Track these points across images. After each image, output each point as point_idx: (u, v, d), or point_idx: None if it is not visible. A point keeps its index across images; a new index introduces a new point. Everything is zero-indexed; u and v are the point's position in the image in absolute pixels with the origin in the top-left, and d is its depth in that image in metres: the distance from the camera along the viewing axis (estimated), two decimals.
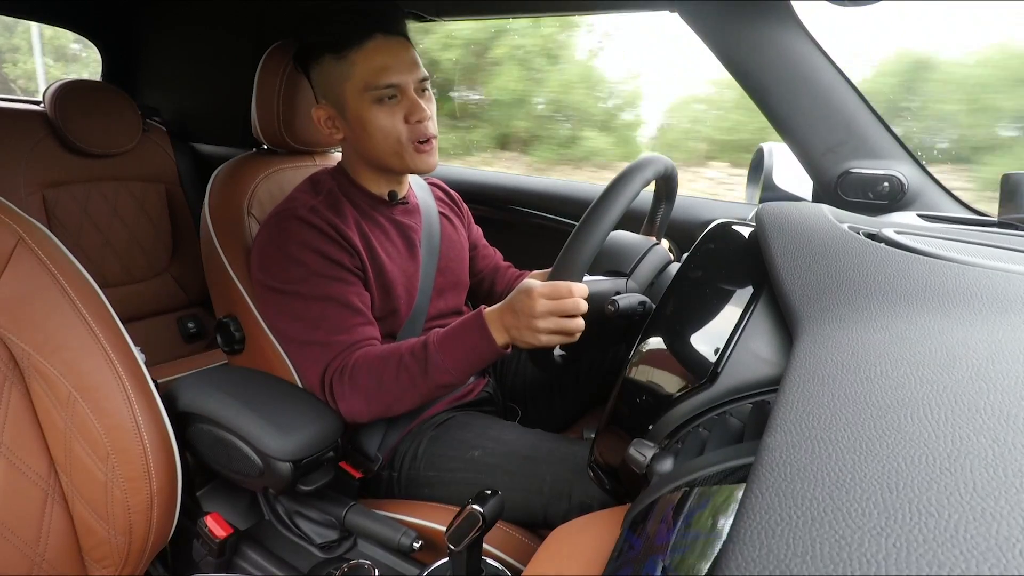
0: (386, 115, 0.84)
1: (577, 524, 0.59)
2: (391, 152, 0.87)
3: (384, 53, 0.83)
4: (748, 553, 0.24)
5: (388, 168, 0.90)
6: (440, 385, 0.80)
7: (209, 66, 1.72)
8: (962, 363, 0.32)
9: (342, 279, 0.85)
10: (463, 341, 0.79)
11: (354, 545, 0.85)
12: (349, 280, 0.86)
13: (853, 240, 0.50)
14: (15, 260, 0.59)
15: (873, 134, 0.94)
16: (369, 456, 0.91)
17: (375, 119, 0.84)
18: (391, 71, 0.83)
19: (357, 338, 0.85)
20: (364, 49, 0.83)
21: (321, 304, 0.84)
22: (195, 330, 1.72)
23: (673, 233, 1.18)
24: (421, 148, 0.87)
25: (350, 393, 0.82)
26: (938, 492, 0.24)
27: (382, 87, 0.83)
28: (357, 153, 0.92)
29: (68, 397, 0.60)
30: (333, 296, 0.84)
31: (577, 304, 0.72)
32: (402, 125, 0.85)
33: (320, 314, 0.84)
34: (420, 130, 0.86)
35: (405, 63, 0.84)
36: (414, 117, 0.85)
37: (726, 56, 0.96)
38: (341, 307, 0.84)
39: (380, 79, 0.82)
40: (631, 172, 0.77)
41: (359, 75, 0.83)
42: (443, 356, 0.79)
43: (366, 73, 0.83)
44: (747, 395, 0.48)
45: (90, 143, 1.50)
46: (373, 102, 0.84)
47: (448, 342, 0.79)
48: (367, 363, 0.82)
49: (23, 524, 0.60)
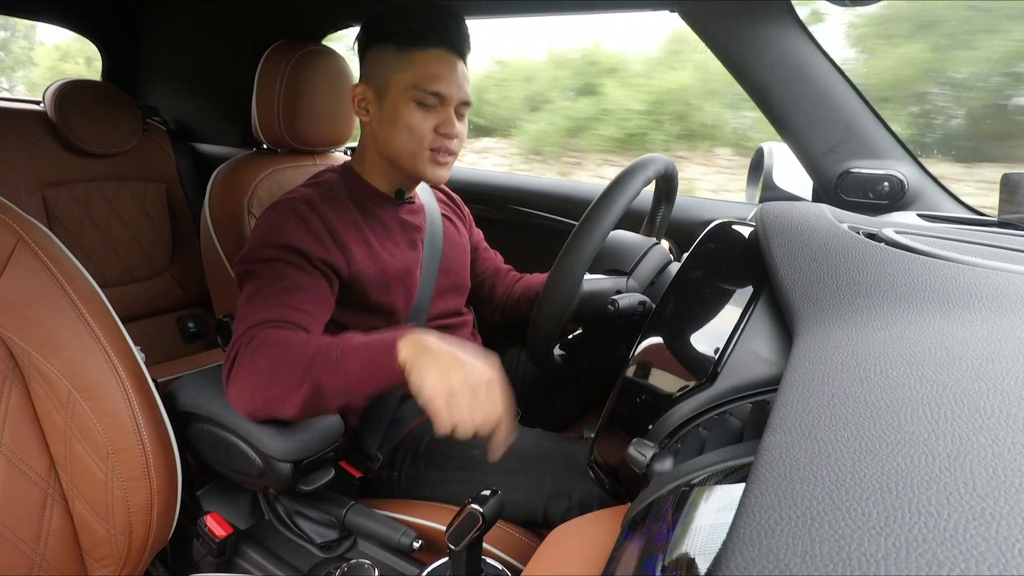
0: (421, 117, 0.86)
1: (577, 524, 0.59)
2: (409, 152, 0.87)
3: (443, 64, 0.85)
4: (748, 553, 0.24)
5: (400, 166, 0.90)
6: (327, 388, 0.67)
7: (209, 66, 1.72)
8: (962, 363, 0.32)
9: (303, 268, 0.81)
10: (371, 343, 0.68)
11: (354, 545, 0.85)
12: (311, 272, 0.82)
13: (853, 240, 0.50)
14: (15, 260, 0.59)
15: (873, 134, 0.94)
16: (369, 456, 0.91)
17: (409, 116, 0.85)
18: (442, 81, 0.85)
19: (279, 316, 0.75)
20: (427, 54, 0.84)
21: (268, 281, 0.78)
22: (195, 330, 1.72)
23: (673, 233, 1.18)
24: (438, 159, 0.88)
25: (244, 372, 0.71)
26: (938, 492, 0.24)
27: (429, 91, 0.84)
28: (375, 143, 0.91)
29: (68, 397, 0.60)
30: (283, 275, 0.79)
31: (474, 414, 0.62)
32: (430, 132, 0.86)
33: (259, 290, 0.78)
34: (444, 143, 0.87)
35: (456, 80, 0.86)
36: (444, 129, 0.86)
37: (726, 56, 0.96)
38: (282, 288, 0.78)
39: (430, 84, 0.84)
40: (631, 172, 0.77)
41: (412, 73, 0.84)
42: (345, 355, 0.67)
43: (420, 74, 0.84)
44: (747, 395, 0.48)
45: (90, 143, 1.50)
46: (414, 101, 0.85)
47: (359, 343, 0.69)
48: (275, 341, 0.71)
49: (23, 523, 0.60)
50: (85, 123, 1.48)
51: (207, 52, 1.71)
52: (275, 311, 0.76)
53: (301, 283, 0.80)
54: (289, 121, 1.02)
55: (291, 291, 0.78)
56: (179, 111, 1.81)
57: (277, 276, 0.79)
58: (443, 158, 0.88)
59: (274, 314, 0.76)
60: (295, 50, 1.02)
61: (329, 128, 1.09)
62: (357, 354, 0.68)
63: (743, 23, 0.92)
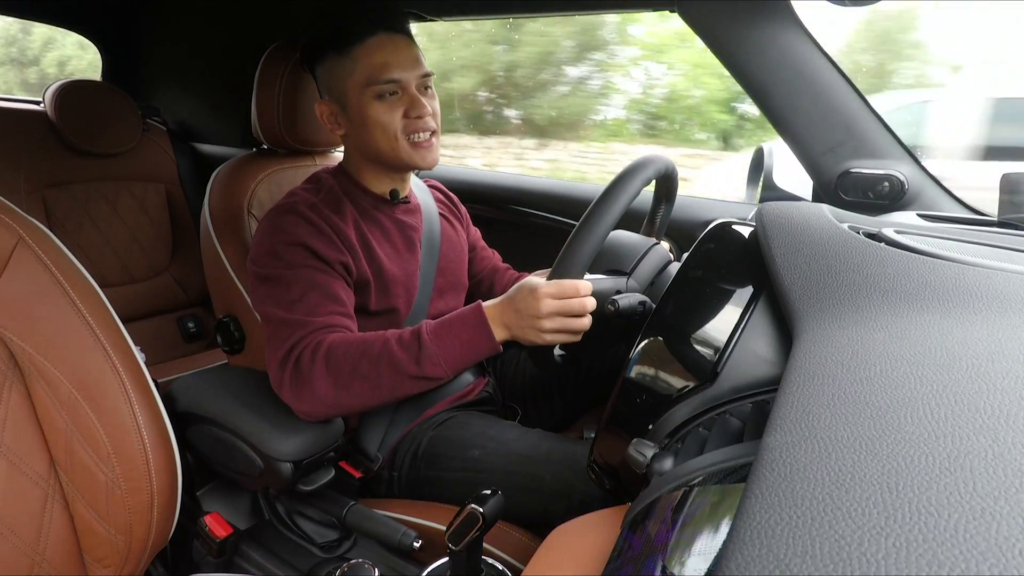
0: (386, 110, 0.85)
1: (577, 524, 0.59)
2: (388, 147, 0.87)
3: (386, 50, 0.84)
4: (748, 553, 0.24)
5: (387, 163, 0.91)
6: (428, 378, 0.77)
7: (209, 66, 1.72)
8: (962, 363, 0.32)
9: (328, 272, 0.84)
10: (459, 334, 0.77)
11: (354, 545, 0.85)
12: (335, 275, 0.85)
13: (853, 240, 0.50)
14: (15, 260, 0.59)
15: (873, 134, 0.94)
16: (369, 456, 0.91)
17: (375, 114, 0.85)
18: (392, 67, 0.84)
19: (333, 322, 0.81)
20: (366, 45, 0.84)
21: (302, 288, 0.81)
22: (195, 330, 1.72)
23: (673, 233, 1.18)
24: (420, 143, 0.88)
25: (319, 375, 0.76)
26: (938, 492, 0.24)
27: (383, 82, 0.84)
28: (359, 150, 0.92)
29: (68, 397, 0.60)
30: (316, 283, 0.82)
31: (584, 304, 0.72)
32: (401, 120, 0.86)
33: (299, 296, 0.81)
34: (419, 125, 0.87)
35: (407, 60, 0.85)
36: (414, 112, 0.86)
37: (726, 56, 0.96)
38: (322, 294, 0.82)
39: (381, 74, 0.84)
40: (631, 172, 0.77)
41: (361, 71, 0.84)
42: (438, 346, 0.76)
43: (368, 69, 0.84)
44: (747, 395, 0.48)
45: (90, 143, 1.50)
46: (374, 97, 0.85)
47: (444, 333, 0.77)
48: (345, 344, 0.77)
49: (23, 524, 0.60)
50: (85, 123, 1.48)
51: (207, 52, 1.71)
52: (328, 318, 0.80)
53: (334, 287, 0.83)
54: (289, 121, 1.02)
55: (331, 296, 0.82)
56: (179, 111, 1.81)
57: (309, 282, 0.82)
58: (422, 140, 0.88)
59: (328, 320, 0.80)
60: (295, 50, 1.02)
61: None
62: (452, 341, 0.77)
63: (743, 23, 0.92)
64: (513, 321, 0.75)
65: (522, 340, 0.76)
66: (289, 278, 0.82)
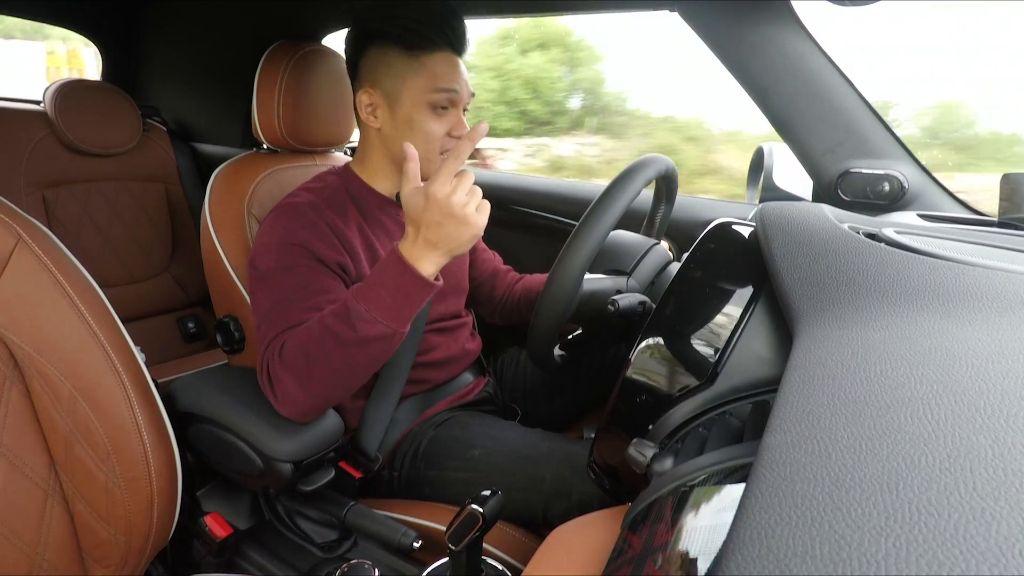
0: (435, 122, 0.86)
1: (577, 524, 0.59)
2: (424, 157, 0.86)
3: (451, 65, 0.86)
4: (748, 553, 0.24)
5: None
6: (370, 339, 0.71)
7: (209, 66, 1.72)
8: (962, 363, 0.32)
9: (324, 272, 0.83)
10: (384, 282, 0.71)
11: (354, 545, 0.85)
12: (330, 275, 0.83)
13: (853, 240, 0.50)
14: (15, 260, 0.59)
15: (873, 134, 0.94)
16: (369, 456, 0.91)
17: (425, 122, 0.86)
18: (455, 82, 0.86)
19: (304, 318, 0.77)
20: (434, 57, 0.84)
21: (291, 282, 0.80)
22: (195, 330, 1.72)
23: (673, 233, 1.18)
24: None
25: (283, 375, 0.74)
26: (938, 492, 0.24)
27: (444, 92, 0.85)
28: (385, 148, 0.91)
29: (68, 397, 0.60)
30: (308, 283, 0.81)
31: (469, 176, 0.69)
32: (443, 136, 0.87)
33: (286, 292, 0.80)
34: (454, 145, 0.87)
35: (464, 79, 0.88)
36: (456, 131, 0.87)
37: (726, 56, 0.96)
38: (311, 293, 0.80)
39: (446, 86, 0.85)
40: (631, 172, 0.77)
41: (427, 76, 0.84)
42: (366, 304, 0.71)
43: (433, 78, 0.84)
44: (747, 395, 0.48)
45: (90, 143, 1.50)
46: (428, 105, 0.85)
47: (368, 288, 0.72)
48: (294, 336, 0.75)
49: (23, 524, 0.60)
50: (85, 123, 1.48)
51: (207, 52, 1.71)
52: (303, 314, 0.78)
53: (324, 286, 0.81)
54: (289, 121, 1.02)
55: (317, 295, 0.80)
56: (179, 111, 1.81)
57: (300, 282, 0.81)
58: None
59: (303, 317, 0.78)
60: (295, 50, 1.02)
61: (329, 128, 1.08)
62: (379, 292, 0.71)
63: (743, 23, 0.92)
64: (432, 235, 0.69)
65: (456, 244, 0.70)
66: (281, 277, 0.81)
